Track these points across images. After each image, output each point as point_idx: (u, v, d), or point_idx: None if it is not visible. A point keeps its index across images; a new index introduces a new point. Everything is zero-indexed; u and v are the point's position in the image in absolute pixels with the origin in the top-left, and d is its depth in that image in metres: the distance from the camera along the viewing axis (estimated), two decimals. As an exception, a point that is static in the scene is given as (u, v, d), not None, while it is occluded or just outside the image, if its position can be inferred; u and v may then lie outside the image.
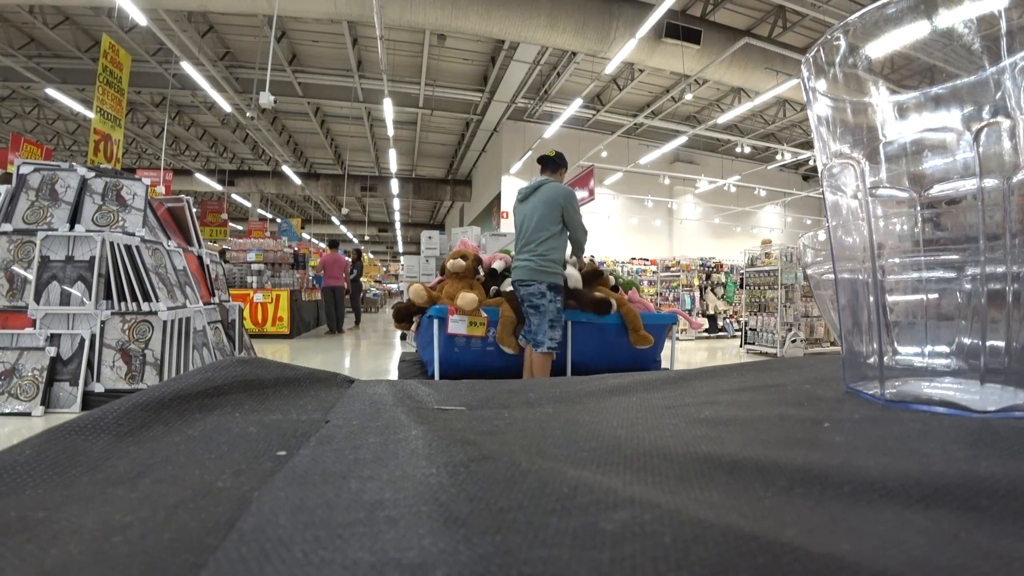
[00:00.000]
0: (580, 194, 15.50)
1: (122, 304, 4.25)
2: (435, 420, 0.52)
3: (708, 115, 18.04)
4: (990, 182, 0.43)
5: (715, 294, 15.24)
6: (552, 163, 4.52)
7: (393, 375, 6.85)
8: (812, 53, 0.49)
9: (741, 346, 11.68)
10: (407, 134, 21.98)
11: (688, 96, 14.32)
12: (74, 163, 4.68)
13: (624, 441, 0.44)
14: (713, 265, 15.53)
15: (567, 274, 4.59)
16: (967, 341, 0.47)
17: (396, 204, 29.48)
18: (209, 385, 0.53)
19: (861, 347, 0.54)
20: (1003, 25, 0.40)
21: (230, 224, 23.87)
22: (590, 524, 0.27)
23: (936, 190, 0.46)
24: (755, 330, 11.13)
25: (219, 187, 23.48)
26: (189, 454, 0.39)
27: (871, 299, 0.51)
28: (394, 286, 44.05)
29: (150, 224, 4.90)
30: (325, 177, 25.49)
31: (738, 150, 18.93)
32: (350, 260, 15.34)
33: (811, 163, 21.34)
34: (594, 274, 5.41)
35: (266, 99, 10.07)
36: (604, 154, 17.37)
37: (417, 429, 0.46)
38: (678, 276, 15.05)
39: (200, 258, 5.62)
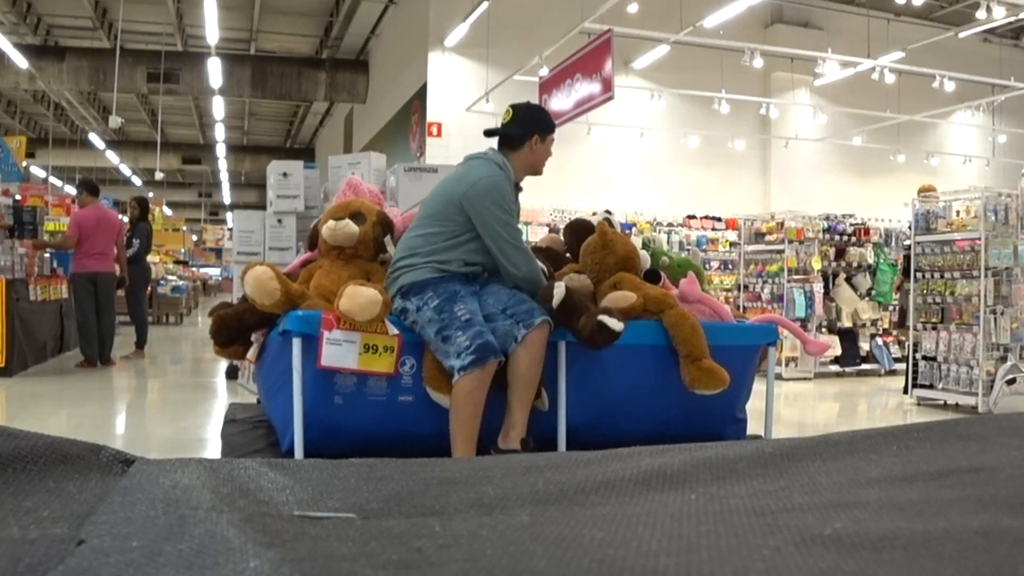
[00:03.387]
0: (589, 87, 15.56)
1: None
2: (296, 539, 0.52)
3: (838, -66, 18.19)
4: None
5: (854, 287, 15.40)
6: (507, 136, 5.25)
7: (213, 451, 6.77)
8: None
9: (907, 392, 11.82)
10: (242, -33, 21.79)
11: None
12: None
13: (674, 579, 0.45)
14: (851, 231, 15.67)
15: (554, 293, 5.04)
16: None
17: (218, 108, 29.18)
18: None
19: None
20: None
21: None
22: None
23: None
24: (934, 360, 11.25)
25: None
26: None
27: None
28: (214, 271, 43.69)
29: None
30: (76, 54, 25.17)
31: (899, 0, 19.08)
32: (127, 220, 15.03)
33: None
34: (582, 231, 5.54)
35: None
36: (632, 8, 17.40)
37: (261, 558, 0.46)
38: (781, 252, 15.17)
39: None
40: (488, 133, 5.35)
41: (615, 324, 4.77)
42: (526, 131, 5.14)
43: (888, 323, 15.36)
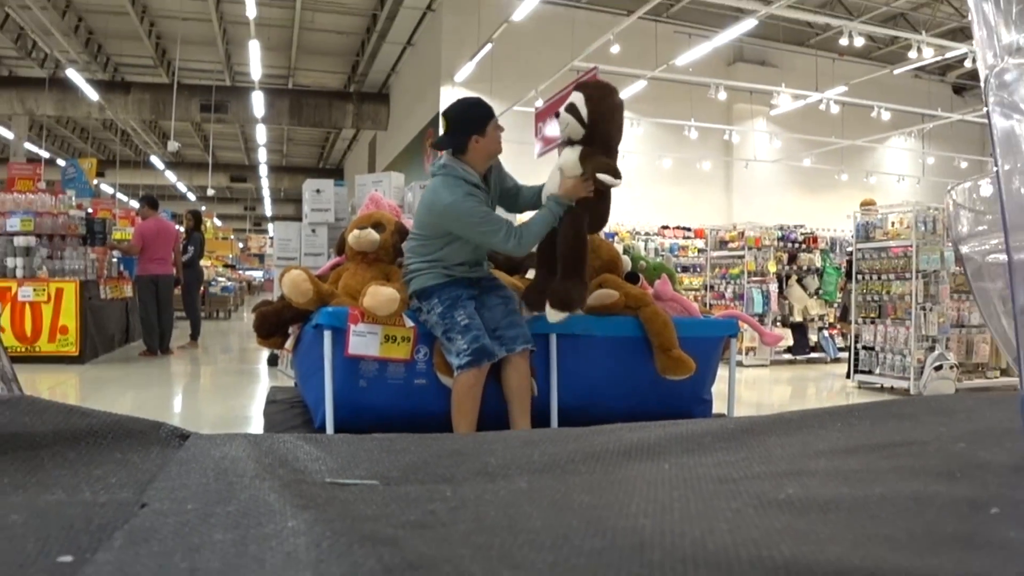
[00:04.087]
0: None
1: None
2: (327, 503, 0.52)
3: (791, -15, 18.19)
4: None
5: (804, 287, 15.45)
6: (447, 135, 4.93)
7: (256, 427, 6.81)
8: None
9: (849, 376, 11.87)
10: (281, 16, 21.79)
11: (758, -47, 14.48)
12: None
13: (649, 538, 0.45)
14: (801, 239, 15.74)
15: (560, 166, 4.87)
16: None
17: (261, 134, 29.18)
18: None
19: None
20: None
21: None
22: None
23: None
24: (872, 349, 11.30)
25: (-47, 103, 23.01)
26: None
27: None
28: (257, 274, 43.68)
29: None
30: (140, 88, 25.14)
31: (844, 42, 19.06)
32: (183, 230, 15.08)
33: (968, 64, 21.67)
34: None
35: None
36: (615, 48, 17.43)
37: (298, 518, 0.46)
38: (742, 257, 15.22)
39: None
40: (435, 147, 5.15)
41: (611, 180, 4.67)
42: (463, 137, 4.83)
43: (833, 318, 15.42)
